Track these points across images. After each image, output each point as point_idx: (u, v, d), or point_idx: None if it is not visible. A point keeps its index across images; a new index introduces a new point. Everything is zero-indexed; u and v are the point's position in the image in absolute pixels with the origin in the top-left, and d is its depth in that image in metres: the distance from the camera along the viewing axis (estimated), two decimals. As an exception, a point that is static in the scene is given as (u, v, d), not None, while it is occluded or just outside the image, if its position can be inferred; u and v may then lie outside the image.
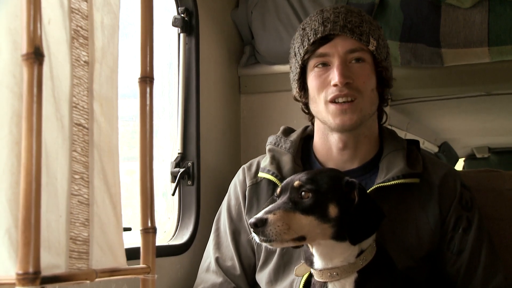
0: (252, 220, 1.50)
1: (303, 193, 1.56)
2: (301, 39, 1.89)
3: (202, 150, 2.41)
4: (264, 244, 1.52)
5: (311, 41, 1.85)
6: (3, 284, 0.77)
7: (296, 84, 1.96)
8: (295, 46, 1.93)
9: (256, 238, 1.51)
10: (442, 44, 2.39)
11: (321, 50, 1.85)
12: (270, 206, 1.54)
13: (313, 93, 1.89)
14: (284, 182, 1.64)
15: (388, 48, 1.95)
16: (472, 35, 2.35)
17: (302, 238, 1.53)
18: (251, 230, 1.52)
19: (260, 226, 1.48)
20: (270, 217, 1.50)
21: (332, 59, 1.84)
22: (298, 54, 1.91)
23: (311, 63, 1.88)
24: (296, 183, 1.58)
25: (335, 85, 1.81)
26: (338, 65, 1.81)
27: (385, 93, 1.95)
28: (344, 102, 1.82)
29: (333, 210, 1.55)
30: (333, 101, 1.83)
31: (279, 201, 1.57)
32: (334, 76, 1.81)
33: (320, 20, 1.85)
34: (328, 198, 1.56)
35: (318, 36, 1.84)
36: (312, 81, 1.88)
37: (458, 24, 2.37)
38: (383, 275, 1.61)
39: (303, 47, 1.87)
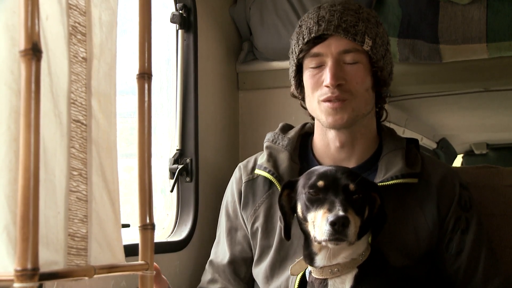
0: (339, 218, 1.46)
1: (355, 195, 1.56)
2: (297, 37, 1.89)
3: (201, 146, 2.41)
4: (334, 242, 1.50)
5: (305, 40, 1.84)
6: (1, 281, 0.77)
7: (293, 81, 1.97)
8: (292, 43, 1.93)
9: (328, 234, 1.48)
10: (441, 40, 2.39)
11: (315, 50, 1.84)
12: (340, 205, 1.51)
13: (308, 91, 1.89)
14: (327, 177, 1.59)
15: (387, 45, 1.92)
16: (471, 31, 2.35)
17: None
18: (330, 227, 1.47)
19: (346, 225, 1.46)
20: (350, 217, 1.49)
21: (325, 59, 1.83)
22: (294, 53, 1.91)
23: (306, 62, 1.88)
24: (351, 185, 1.56)
25: (327, 86, 1.81)
26: (331, 66, 1.80)
27: (382, 92, 1.95)
28: (336, 101, 1.81)
29: (366, 211, 1.59)
30: (325, 101, 1.83)
31: (337, 198, 1.53)
32: (327, 77, 1.80)
33: (315, 19, 1.84)
34: (366, 199, 1.60)
35: (312, 35, 1.82)
36: (306, 80, 1.88)
37: (456, 20, 2.37)
38: (380, 269, 1.63)
39: (298, 46, 1.87)
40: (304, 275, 1.77)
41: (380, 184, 1.80)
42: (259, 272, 1.96)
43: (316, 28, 1.82)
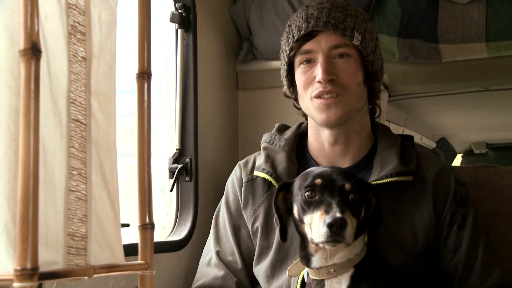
0: (337, 220, 1.46)
1: (351, 195, 1.55)
2: (287, 36, 1.91)
3: (200, 146, 2.41)
4: (331, 243, 1.49)
5: (295, 38, 1.85)
6: (1, 280, 0.77)
7: (285, 81, 1.97)
8: (283, 43, 1.95)
9: (326, 236, 1.47)
10: (440, 40, 2.39)
11: (305, 46, 1.85)
12: (337, 206, 1.50)
13: (300, 89, 1.90)
14: (323, 178, 1.58)
15: (377, 41, 1.93)
16: (470, 31, 2.35)
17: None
18: (327, 229, 1.47)
19: (344, 227, 1.46)
20: (347, 218, 1.48)
21: (316, 55, 1.84)
22: (285, 52, 1.92)
23: (297, 60, 1.89)
24: (347, 185, 1.56)
25: (319, 82, 1.81)
26: (322, 62, 1.82)
27: (374, 87, 1.95)
28: (328, 97, 1.82)
29: (362, 212, 1.59)
30: (318, 97, 1.83)
31: (334, 200, 1.53)
32: (318, 72, 1.81)
33: (304, 17, 1.86)
34: (362, 200, 1.59)
35: (301, 33, 1.84)
36: (298, 77, 1.89)
37: (456, 20, 2.37)
38: (377, 269, 1.63)
39: (288, 44, 1.89)
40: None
41: (375, 182, 1.80)
42: (259, 271, 1.96)
43: (305, 25, 1.84)
